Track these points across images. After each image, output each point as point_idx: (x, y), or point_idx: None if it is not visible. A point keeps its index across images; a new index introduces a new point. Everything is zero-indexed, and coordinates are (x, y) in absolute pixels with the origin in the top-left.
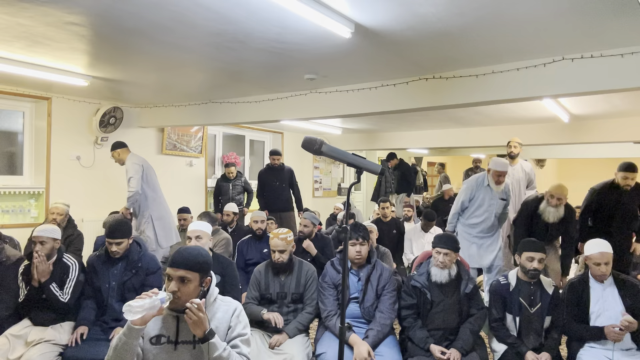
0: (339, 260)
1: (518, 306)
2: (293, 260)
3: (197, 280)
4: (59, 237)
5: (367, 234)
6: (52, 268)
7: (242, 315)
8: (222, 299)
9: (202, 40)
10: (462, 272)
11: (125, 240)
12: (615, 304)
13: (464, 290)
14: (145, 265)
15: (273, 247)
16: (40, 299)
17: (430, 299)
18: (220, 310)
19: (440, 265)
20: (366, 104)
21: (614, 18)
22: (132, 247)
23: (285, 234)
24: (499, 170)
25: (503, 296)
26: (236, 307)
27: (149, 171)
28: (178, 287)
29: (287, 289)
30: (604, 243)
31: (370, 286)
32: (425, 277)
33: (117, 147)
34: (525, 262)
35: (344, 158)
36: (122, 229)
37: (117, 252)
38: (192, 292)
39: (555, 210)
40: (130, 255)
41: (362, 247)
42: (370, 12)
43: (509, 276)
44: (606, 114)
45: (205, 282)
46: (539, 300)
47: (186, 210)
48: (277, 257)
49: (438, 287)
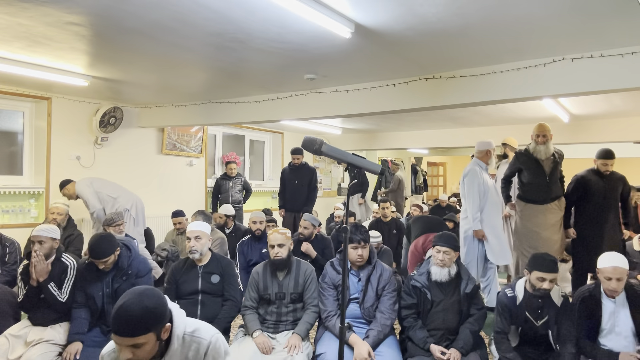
0: (338, 261)
1: (523, 319)
2: (291, 259)
3: (152, 338)
4: (57, 236)
5: (367, 236)
6: (51, 268)
7: (216, 349)
8: (192, 334)
9: (202, 40)
10: (462, 271)
11: (111, 257)
12: (626, 322)
13: (464, 290)
14: (135, 270)
15: (272, 241)
16: (38, 298)
17: (430, 298)
18: (192, 350)
19: (440, 263)
20: (366, 104)
21: (614, 18)
22: (122, 253)
23: (285, 230)
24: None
25: (509, 308)
26: (209, 343)
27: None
28: (132, 353)
29: (285, 289)
30: (618, 257)
31: (370, 287)
32: (425, 276)
33: (64, 185)
34: (535, 282)
35: (344, 158)
36: (104, 247)
37: (106, 268)
38: (152, 350)
39: (545, 147)
40: (120, 262)
41: (364, 250)
42: (371, 12)
43: (516, 288)
44: (606, 114)
45: (164, 332)
46: (546, 313)
47: (180, 213)
48: (275, 251)
49: (438, 286)
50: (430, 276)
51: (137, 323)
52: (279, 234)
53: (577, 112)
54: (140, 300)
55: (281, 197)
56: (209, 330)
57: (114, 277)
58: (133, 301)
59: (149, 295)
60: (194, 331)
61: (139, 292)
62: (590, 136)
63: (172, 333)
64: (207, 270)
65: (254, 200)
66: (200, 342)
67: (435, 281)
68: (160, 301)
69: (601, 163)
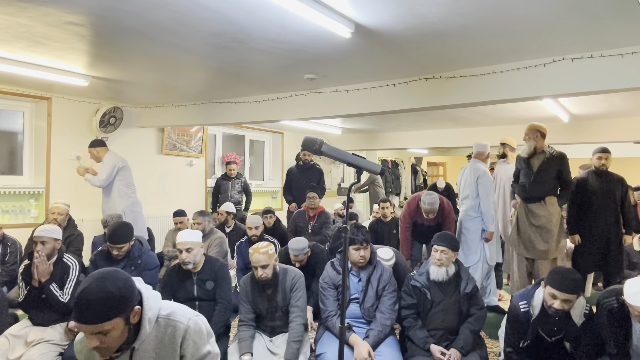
0: (339, 261)
1: (535, 336)
2: (277, 273)
3: (120, 323)
4: (60, 237)
5: (368, 237)
6: (53, 268)
7: (195, 336)
8: (168, 317)
9: (202, 40)
10: (462, 271)
11: (126, 244)
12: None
13: (464, 290)
14: (144, 263)
15: (255, 263)
16: (40, 299)
17: (430, 298)
18: (167, 334)
19: (438, 263)
20: (366, 104)
21: (614, 18)
22: (135, 245)
23: (266, 247)
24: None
25: (521, 322)
26: (187, 327)
27: (125, 171)
28: (100, 341)
29: (275, 304)
30: None
31: (370, 287)
32: (425, 276)
33: (98, 145)
34: (547, 297)
35: (344, 158)
36: (123, 234)
37: (119, 255)
38: (121, 336)
39: (526, 146)
40: (132, 253)
41: (366, 251)
42: (371, 12)
43: (533, 302)
44: (606, 114)
45: (133, 315)
46: (562, 331)
47: (181, 213)
48: (260, 273)
49: (438, 286)
50: (429, 276)
51: (100, 309)
52: (260, 255)
53: (577, 112)
54: (103, 284)
55: (287, 194)
56: (186, 313)
57: (124, 267)
58: (95, 286)
59: (113, 277)
60: (169, 314)
61: (101, 276)
62: (590, 136)
63: (143, 316)
64: (201, 277)
65: (254, 200)
66: (177, 325)
67: (434, 281)
68: (126, 283)
69: (596, 158)
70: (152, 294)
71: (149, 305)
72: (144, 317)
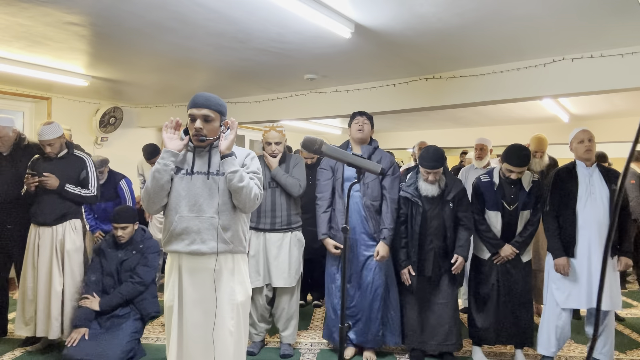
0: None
1: (501, 205)
2: (286, 155)
3: (218, 119)
4: (62, 132)
5: (370, 115)
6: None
7: (255, 160)
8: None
9: (202, 41)
10: (448, 180)
11: (130, 226)
12: (602, 188)
13: (453, 195)
14: (146, 248)
15: (270, 139)
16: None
17: (422, 205)
18: (237, 151)
19: (430, 181)
20: (366, 104)
21: (614, 18)
22: (138, 230)
23: (281, 128)
24: None
25: (484, 192)
26: (249, 152)
27: None
28: (202, 125)
29: None
30: None
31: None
32: (413, 187)
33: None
34: (505, 171)
35: (344, 158)
36: (125, 214)
37: (123, 236)
38: (215, 130)
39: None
40: (135, 236)
41: (365, 126)
42: (371, 12)
43: (493, 174)
44: (606, 114)
45: (224, 123)
46: (517, 199)
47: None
48: (272, 149)
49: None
50: (420, 191)
51: (213, 100)
52: (275, 132)
53: (577, 112)
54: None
55: None
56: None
57: (128, 250)
58: (211, 94)
59: None
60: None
61: None
62: None
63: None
64: None
65: None
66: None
67: (425, 196)
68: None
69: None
70: None
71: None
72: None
